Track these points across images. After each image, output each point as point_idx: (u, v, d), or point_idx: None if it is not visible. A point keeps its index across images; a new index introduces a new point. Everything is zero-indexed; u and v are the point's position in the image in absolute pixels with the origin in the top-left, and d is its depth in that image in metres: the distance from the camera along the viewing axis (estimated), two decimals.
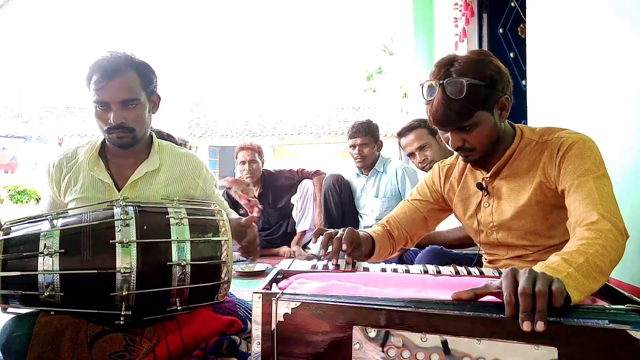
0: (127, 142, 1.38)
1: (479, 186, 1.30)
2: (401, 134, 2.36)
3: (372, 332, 0.77)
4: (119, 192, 1.39)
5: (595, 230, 0.95)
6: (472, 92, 1.11)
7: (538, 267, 0.84)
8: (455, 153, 1.41)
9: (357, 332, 0.78)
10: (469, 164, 1.35)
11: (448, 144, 1.23)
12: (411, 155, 2.33)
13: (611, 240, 0.93)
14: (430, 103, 1.16)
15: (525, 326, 0.70)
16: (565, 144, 1.15)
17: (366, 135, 2.82)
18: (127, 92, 1.34)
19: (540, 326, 0.69)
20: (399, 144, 2.43)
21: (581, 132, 1.19)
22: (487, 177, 1.29)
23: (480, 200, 1.32)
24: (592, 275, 0.85)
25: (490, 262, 1.39)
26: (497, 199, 1.28)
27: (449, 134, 1.20)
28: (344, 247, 1.15)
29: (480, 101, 1.14)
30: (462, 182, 1.39)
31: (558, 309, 0.73)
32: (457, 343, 0.74)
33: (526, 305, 0.72)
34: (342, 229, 1.22)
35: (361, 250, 1.25)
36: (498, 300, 0.79)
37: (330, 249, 1.18)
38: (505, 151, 1.24)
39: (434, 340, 0.75)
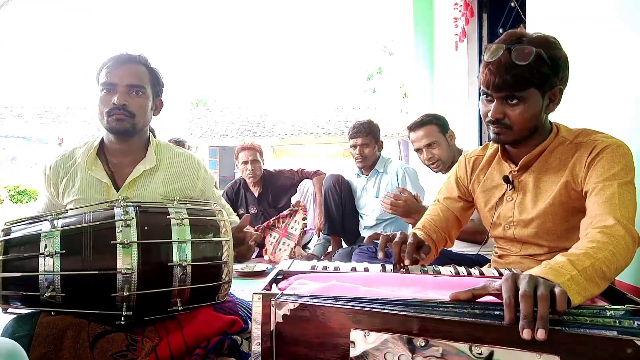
0: (125, 128, 1.38)
1: (506, 179, 1.28)
2: (410, 129, 2.33)
3: (370, 335, 0.77)
4: (117, 191, 1.39)
5: (609, 235, 0.94)
6: (536, 64, 1.08)
7: (541, 267, 0.84)
8: (478, 148, 1.42)
9: (354, 335, 0.78)
10: (497, 156, 1.34)
11: (486, 118, 1.18)
12: (418, 151, 2.30)
13: (622, 247, 0.92)
14: (489, 65, 1.12)
15: (525, 334, 0.67)
16: (598, 147, 1.13)
17: (367, 135, 2.82)
18: (135, 78, 1.39)
19: (541, 334, 0.66)
20: (408, 137, 2.41)
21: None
22: (514, 171, 1.27)
23: (504, 194, 1.30)
24: (595, 280, 0.85)
25: (500, 256, 1.38)
26: (522, 194, 1.26)
27: (491, 106, 1.16)
28: (406, 257, 1.12)
29: (539, 78, 1.10)
30: (487, 173, 1.37)
31: (561, 314, 0.71)
32: (456, 349, 0.73)
33: (527, 310, 0.69)
34: (399, 232, 1.19)
35: (428, 248, 1.22)
36: (497, 300, 0.78)
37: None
38: (537, 145, 1.22)
39: (432, 345, 0.74)
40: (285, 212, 3.14)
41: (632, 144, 1.54)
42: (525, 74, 1.09)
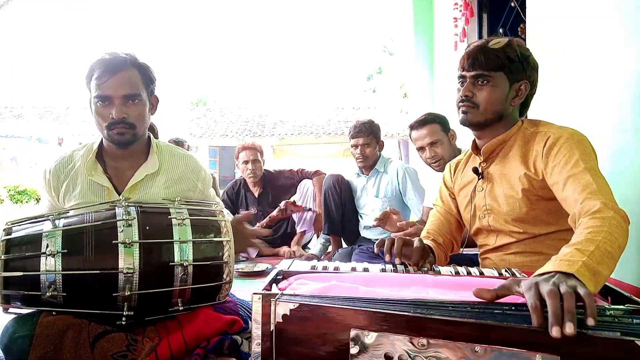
0: (127, 140, 1.36)
1: (475, 170, 1.36)
2: (413, 127, 2.33)
3: (370, 335, 0.77)
4: (119, 195, 1.38)
5: (600, 218, 0.97)
6: (507, 51, 1.23)
7: (552, 262, 0.84)
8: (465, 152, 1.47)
9: (354, 335, 0.78)
10: (471, 155, 1.41)
11: (458, 102, 1.29)
12: (421, 149, 2.30)
13: (615, 227, 0.95)
14: (466, 50, 1.29)
15: (555, 332, 0.66)
16: (552, 138, 1.20)
17: (368, 135, 2.81)
18: (129, 87, 1.34)
19: (569, 327, 0.65)
20: (410, 136, 2.41)
21: (578, 128, 1.23)
22: (482, 162, 1.35)
23: (476, 185, 1.37)
24: (604, 261, 0.86)
25: (482, 256, 1.42)
26: (490, 183, 1.34)
27: (464, 86, 1.28)
28: (415, 258, 1.14)
29: (508, 63, 1.24)
30: (464, 172, 1.45)
31: (594, 318, 0.69)
32: (456, 349, 0.72)
33: (555, 306, 0.69)
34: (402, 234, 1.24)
35: (433, 257, 1.26)
36: (518, 299, 0.78)
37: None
38: (500, 135, 1.30)
39: (432, 344, 0.74)
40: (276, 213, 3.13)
41: (632, 142, 1.54)
42: (497, 56, 1.24)
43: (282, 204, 3.10)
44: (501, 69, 1.24)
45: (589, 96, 1.80)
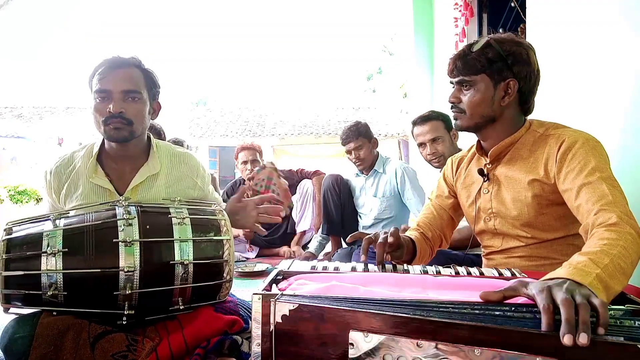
0: (123, 136, 1.35)
1: (480, 172, 1.33)
2: (416, 123, 2.34)
3: (369, 336, 0.77)
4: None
5: (616, 231, 0.95)
6: (485, 53, 1.20)
7: (564, 268, 0.83)
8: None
9: (354, 336, 0.78)
10: (476, 155, 1.39)
11: (450, 107, 1.29)
12: (421, 145, 2.30)
13: (630, 242, 0.93)
14: (451, 57, 1.27)
15: (567, 340, 0.64)
16: (567, 142, 1.15)
17: (357, 137, 2.80)
18: (130, 83, 1.34)
19: (583, 338, 0.64)
20: (412, 132, 2.41)
21: (577, 128, 1.20)
22: (488, 164, 1.32)
23: (481, 187, 1.34)
24: (617, 276, 0.85)
25: (487, 256, 1.40)
26: (496, 185, 1.31)
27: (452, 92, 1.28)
28: (386, 250, 1.15)
29: (488, 64, 1.20)
30: (467, 170, 1.42)
31: (606, 328, 0.68)
32: (455, 351, 0.72)
33: (569, 315, 0.67)
34: (383, 231, 1.21)
35: (402, 251, 1.25)
36: (528, 301, 0.77)
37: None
38: (507, 137, 1.26)
39: (431, 347, 0.73)
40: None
41: (633, 142, 1.55)
42: (474, 59, 1.21)
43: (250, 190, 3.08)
44: (481, 72, 1.21)
45: (589, 96, 1.80)
